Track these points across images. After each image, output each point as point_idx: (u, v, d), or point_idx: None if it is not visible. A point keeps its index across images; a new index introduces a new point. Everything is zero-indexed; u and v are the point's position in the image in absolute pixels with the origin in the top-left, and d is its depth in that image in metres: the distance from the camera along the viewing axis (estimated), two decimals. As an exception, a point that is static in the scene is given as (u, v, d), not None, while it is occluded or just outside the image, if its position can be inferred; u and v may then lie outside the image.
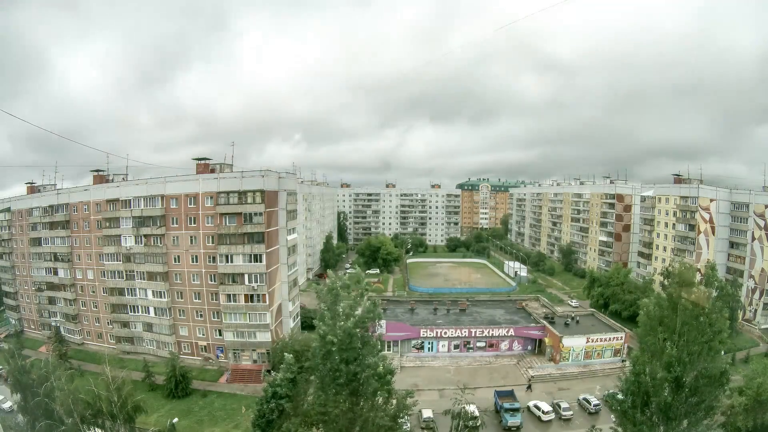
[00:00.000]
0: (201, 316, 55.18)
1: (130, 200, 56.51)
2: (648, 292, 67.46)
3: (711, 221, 72.34)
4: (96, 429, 31.86)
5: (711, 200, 72.70)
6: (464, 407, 28.40)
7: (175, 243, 54.91)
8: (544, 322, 59.63)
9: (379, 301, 23.84)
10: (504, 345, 58.35)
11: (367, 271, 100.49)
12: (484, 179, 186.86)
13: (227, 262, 52.43)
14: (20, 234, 67.03)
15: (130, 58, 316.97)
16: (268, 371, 46.14)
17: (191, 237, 54.23)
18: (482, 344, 58.10)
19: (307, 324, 64.80)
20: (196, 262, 54.30)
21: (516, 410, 41.04)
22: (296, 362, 31.94)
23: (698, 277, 24.66)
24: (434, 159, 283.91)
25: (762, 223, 65.95)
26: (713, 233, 71.86)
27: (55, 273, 63.52)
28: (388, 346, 53.83)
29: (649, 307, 23.56)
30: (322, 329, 20.90)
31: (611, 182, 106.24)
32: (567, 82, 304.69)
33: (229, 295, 52.75)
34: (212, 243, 53.12)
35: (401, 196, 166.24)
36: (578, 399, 45.02)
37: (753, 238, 67.07)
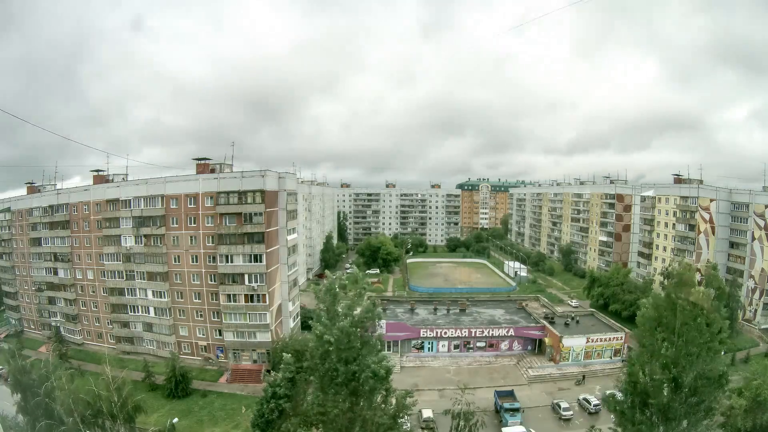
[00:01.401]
0: (201, 316, 55.20)
1: (130, 200, 56.54)
2: (648, 292, 67.51)
3: (711, 221, 72.34)
4: (96, 429, 31.87)
5: (711, 200, 72.69)
6: (464, 407, 28.40)
7: (175, 243, 54.92)
8: (544, 322, 59.64)
9: (378, 301, 23.79)
10: (504, 345, 58.37)
11: (367, 271, 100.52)
12: (484, 179, 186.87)
13: (227, 262, 52.44)
14: (20, 234, 67.07)
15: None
16: (268, 371, 46.23)
17: (191, 237, 54.25)
18: (482, 344, 58.11)
19: (307, 324, 64.84)
20: (196, 262, 54.32)
21: (516, 410, 41.08)
22: (296, 362, 31.96)
23: (698, 277, 24.52)
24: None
25: (762, 223, 65.93)
26: (713, 233, 71.86)
27: (55, 273, 63.55)
28: (388, 346, 53.81)
29: (646, 308, 23.55)
30: (319, 329, 20.90)
31: (611, 182, 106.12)
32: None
33: (229, 295, 52.77)
34: (212, 243, 53.13)
35: (401, 196, 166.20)
36: (578, 399, 45.08)
37: (753, 238, 67.03)
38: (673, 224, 79.85)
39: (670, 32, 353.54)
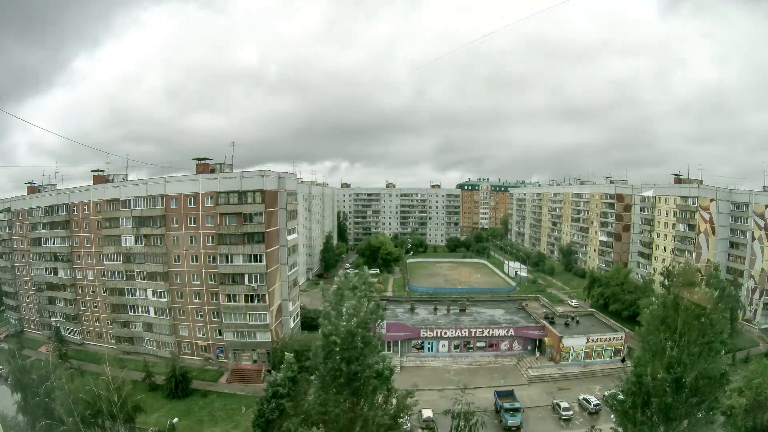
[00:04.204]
0: (201, 316, 55.19)
1: (130, 200, 56.51)
2: (648, 292, 67.46)
3: (711, 221, 72.33)
4: (96, 429, 31.86)
5: (711, 200, 72.67)
6: (464, 407, 28.39)
7: (175, 243, 54.90)
8: (544, 322, 59.61)
9: (382, 303, 23.92)
10: (504, 345, 58.34)
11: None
12: (484, 179, 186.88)
13: (227, 262, 52.43)
14: (20, 234, 67.04)
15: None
16: (269, 371, 46.29)
17: (191, 237, 54.23)
18: (482, 344, 58.08)
19: (307, 324, 64.82)
20: (196, 262, 54.31)
21: (516, 410, 41.11)
22: (297, 362, 32.00)
23: (700, 277, 24.41)
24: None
25: (762, 223, 65.91)
26: (713, 233, 71.84)
27: (55, 273, 63.50)
28: (388, 346, 53.78)
29: (653, 306, 23.41)
30: (328, 328, 20.87)
31: (611, 182, 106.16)
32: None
33: (229, 295, 52.75)
34: (212, 243, 53.12)
35: (401, 196, 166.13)
36: (578, 399, 45.07)
37: (753, 238, 67.01)
38: (673, 224, 79.83)
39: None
